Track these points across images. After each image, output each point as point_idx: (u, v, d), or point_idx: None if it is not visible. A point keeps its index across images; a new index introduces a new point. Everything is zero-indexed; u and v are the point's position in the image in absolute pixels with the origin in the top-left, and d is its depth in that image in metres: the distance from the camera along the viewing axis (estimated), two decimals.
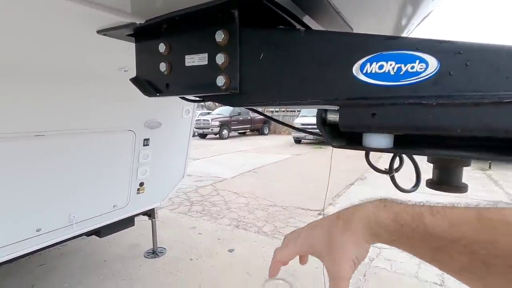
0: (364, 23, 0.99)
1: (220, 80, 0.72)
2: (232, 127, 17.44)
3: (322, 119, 0.59)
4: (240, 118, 18.03)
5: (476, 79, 0.45)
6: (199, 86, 0.79)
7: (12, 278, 2.75)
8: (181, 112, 2.89)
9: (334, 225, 0.46)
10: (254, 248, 3.45)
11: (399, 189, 0.87)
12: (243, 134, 19.27)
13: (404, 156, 0.90)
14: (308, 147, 12.98)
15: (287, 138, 16.46)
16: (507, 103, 0.41)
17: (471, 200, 5.27)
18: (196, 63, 0.78)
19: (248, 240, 3.67)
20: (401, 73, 0.51)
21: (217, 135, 16.32)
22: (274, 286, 2.72)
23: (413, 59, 0.50)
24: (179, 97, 0.96)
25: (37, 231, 2.05)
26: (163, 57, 0.84)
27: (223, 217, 4.45)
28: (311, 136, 13.69)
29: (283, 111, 24.12)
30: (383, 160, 1.19)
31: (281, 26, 0.74)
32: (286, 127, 20.10)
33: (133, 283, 2.73)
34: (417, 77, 0.49)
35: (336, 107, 0.59)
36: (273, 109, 22.21)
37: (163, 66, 0.84)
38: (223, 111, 18.41)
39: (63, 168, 2.10)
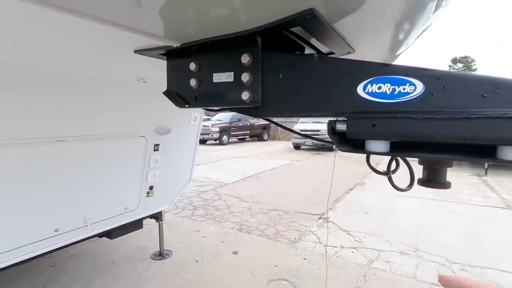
0: (364, 43, 1.13)
1: (245, 95, 0.86)
2: (232, 133, 17.58)
3: (332, 128, 0.73)
4: (240, 124, 18.18)
5: (452, 99, 0.60)
6: (225, 100, 0.93)
7: (25, 279, 2.84)
8: (189, 119, 3.03)
9: None
10: (258, 250, 3.56)
11: (395, 188, 1.01)
12: (242, 140, 19.41)
13: (400, 160, 1.04)
14: (307, 153, 13.11)
15: (286, 144, 16.61)
16: (474, 118, 0.56)
17: (468, 205, 5.41)
18: (223, 80, 0.92)
19: (251, 242, 3.78)
20: (395, 93, 0.65)
21: (217, 141, 16.44)
22: (278, 286, 2.83)
23: (404, 82, 0.64)
24: (203, 109, 1.10)
25: (55, 231, 2.16)
26: (193, 74, 0.98)
27: (226, 221, 4.56)
28: (310, 142, 13.87)
29: None
30: (381, 165, 1.33)
31: (297, 52, 0.89)
32: (285, 134, 20.18)
33: (142, 283, 2.83)
34: (407, 96, 0.64)
35: (344, 118, 0.73)
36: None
37: (193, 82, 0.98)
38: (223, 117, 18.56)
39: (80, 171, 2.22)
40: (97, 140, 2.25)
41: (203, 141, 16.69)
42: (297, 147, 14.62)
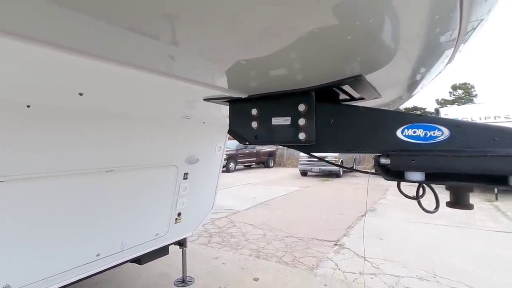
0: (389, 90, 1.39)
1: (301, 135, 1.09)
2: (239, 160, 17.79)
3: (377, 162, 0.95)
4: (246, 151, 18.43)
5: (470, 141, 0.82)
6: (283, 138, 1.16)
7: None
8: (214, 149, 3.27)
9: None
10: (278, 276, 3.62)
11: (424, 211, 1.20)
12: (249, 167, 19.56)
13: (426, 187, 1.24)
14: (315, 180, 13.20)
15: (293, 171, 16.72)
16: (488, 156, 0.77)
17: (481, 230, 5.44)
18: (281, 123, 1.16)
19: (270, 269, 3.84)
20: (427, 136, 0.87)
21: (224, 168, 16.62)
22: None
23: (434, 129, 0.87)
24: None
25: (97, 256, 2.32)
26: (254, 117, 1.22)
27: (242, 248, 4.63)
28: (317, 169, 14.00)
29: None
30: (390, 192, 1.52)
31: (345, 102, 1.13)
32: (290, 160, 20.34)
33: None
34: (437, 139, 0.86)
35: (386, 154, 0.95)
36: None
37: (254, 124, 1.22)
38: (230, 144, 18.85)
39: (121, 199, 2.42)
40: (138, 169, 2.47)
41: None
42: (304, 173, 14.73)
